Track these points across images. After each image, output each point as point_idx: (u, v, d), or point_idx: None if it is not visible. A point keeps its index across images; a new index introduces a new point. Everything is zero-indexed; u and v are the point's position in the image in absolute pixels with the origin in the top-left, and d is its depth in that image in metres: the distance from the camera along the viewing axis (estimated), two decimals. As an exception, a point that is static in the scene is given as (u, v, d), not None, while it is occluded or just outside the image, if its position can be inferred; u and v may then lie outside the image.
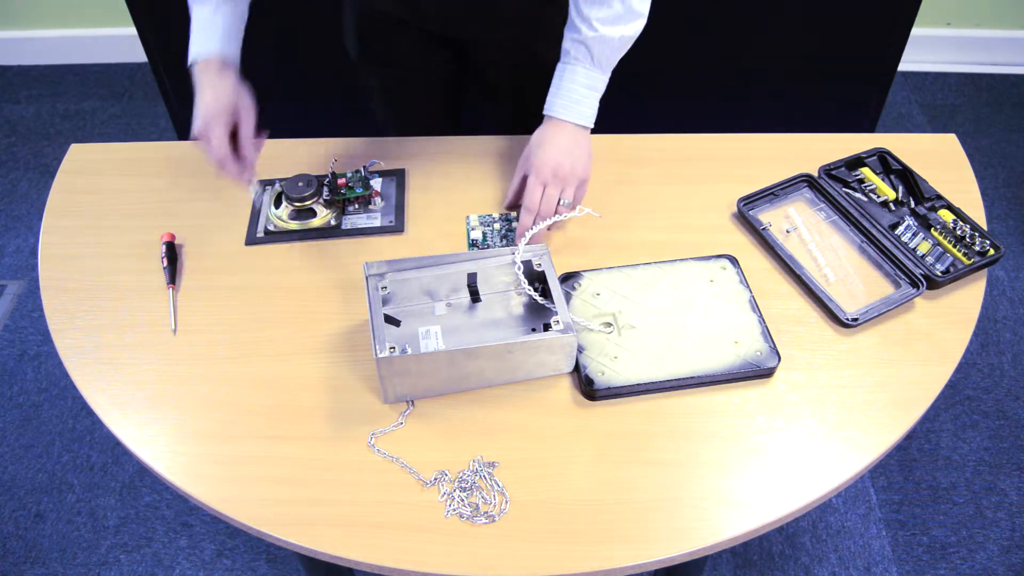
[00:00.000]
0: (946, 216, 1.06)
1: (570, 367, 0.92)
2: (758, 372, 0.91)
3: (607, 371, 0.90)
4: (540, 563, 0.77)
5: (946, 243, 1.03)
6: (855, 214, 1.07)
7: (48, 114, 2.51)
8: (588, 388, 0.89)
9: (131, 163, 1.18)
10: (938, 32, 2.52)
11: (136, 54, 2.59)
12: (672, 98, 1.91)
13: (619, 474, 0.83)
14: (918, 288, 0.98)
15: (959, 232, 1.04)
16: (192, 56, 1.01)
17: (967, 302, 0.99)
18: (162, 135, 2.41)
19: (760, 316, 0.95)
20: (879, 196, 1.09)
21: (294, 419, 0.89)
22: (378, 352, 0.85)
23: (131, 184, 1.15)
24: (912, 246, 1.03)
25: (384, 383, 0.87)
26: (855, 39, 1.80)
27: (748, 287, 0.98)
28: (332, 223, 1.09)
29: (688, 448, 0.86)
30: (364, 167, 1.11)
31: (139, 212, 1.11)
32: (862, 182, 1.11)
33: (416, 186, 1.14)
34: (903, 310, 0.98)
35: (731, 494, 0.82)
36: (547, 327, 0.93)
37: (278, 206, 1.09)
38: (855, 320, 0.96)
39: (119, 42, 2.62)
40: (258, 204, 1.06)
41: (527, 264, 0.96)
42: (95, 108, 2.52)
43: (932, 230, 1.05)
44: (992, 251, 1.02)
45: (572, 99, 1.02)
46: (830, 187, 1.10)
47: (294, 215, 1.08)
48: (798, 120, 1.96)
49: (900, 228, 1.05)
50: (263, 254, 1.06)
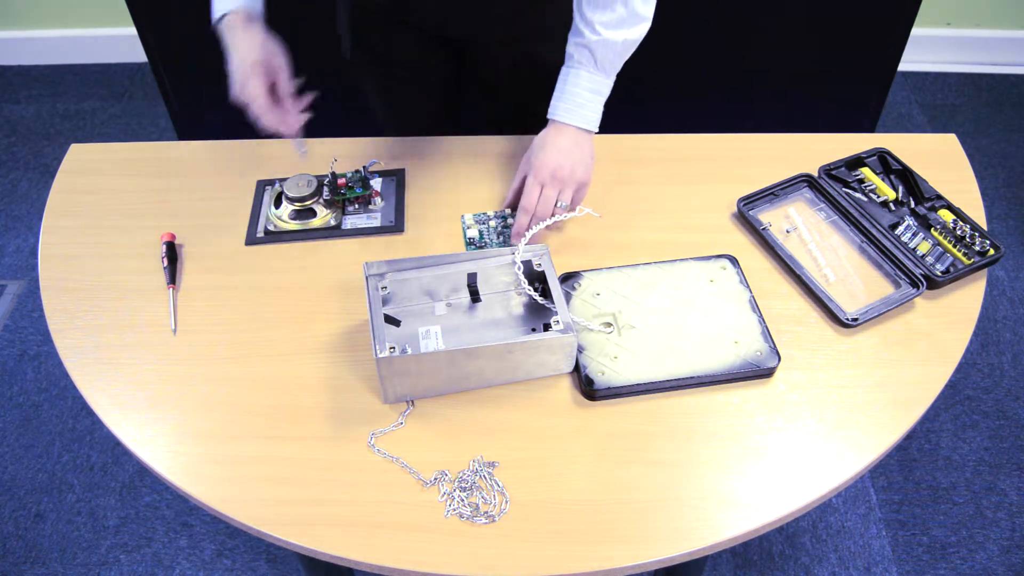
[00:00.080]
0: (946, 216, 1.06)
1: (570, 367, 0.92)
2: (758, 372, 0.91)
3: (607, 371, 0.90)
4: (540, 563, 0.77)
5: (946, 243, 1.03)
6: (855, 214, 1.07)
7: (48, 114, 2.51)
8: (588, 388, 0.89)
9: (131, 163, 1.18)
10: (938, 32, 2.52)
11: (136, 54, 2.60)
12: (672, 98, 1.91)
13: (619, 474, 0.83)
14: (918, 288, 0.98)
15: (959, 232, 1.04)
16: (216, 14, 0.99)
17: (967, 302, 0.99)
18: (162, 135, 2.41)
19: (760, 316, 0.95)
20: (879, 196, 1.09)
21: (294, 419, 0.89)
22: (378, 352, 0.85)
23: (131, 184, 1.15)
24: (912, 246, 1.03)
25: (384, 383, 0.87)
26: (855, 39, 1.80)
27: (748, 287, 0.98)
28: (332, 223, 1.09)
29: (688, 448, 0.86)
30: (364, 167, 1.11)
31: (139, 212, 1.11)
32: (862, 182, 1.11)
33: (416, 186, 1.14)
34: (903, 310, 0.98)
35: (731, 494, 0.82)
36: (547, 327, 0.93)
37: (278, 206, 1.09)
38: (855, 320, 0.96)
39: (119, 42, 2.62)
40: (304, 161, 1.03)
41: (527, 264, 0.96)
42: (95, 108, 2.52)
43: (932, 230, 1.05)
44: (992, 251, 1.02)
45: (575, 103, 1.02)
46: (830, 187, 1.10)
47: (294, 215, 1.08)
48: (798, 120, 1.96)
49: (900, 228, 1.05)
50: (263, 254, 1.06)
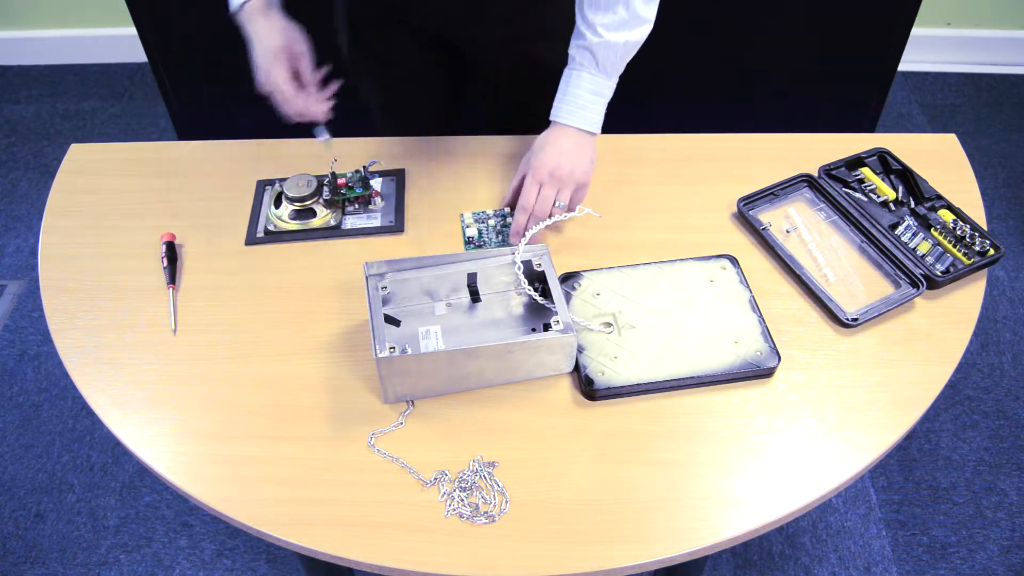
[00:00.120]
0: (946, 216, 1.06)
1: (570, 367, 0.92)
2: (758, 372, 0.91)
3: (607, 371, 0.90)
4: (540, 563, 0.77)
5: (946, 243, 1.03)
6: (855, 214, 1.07)
7: (48, 114, 2.51)
8: (588, 388, 0.89)
9: (131, 163, 1.18)
10: (938, 32, 2.52)
11: (136, 54, 2.60)
12: (673, 98, 1.91)
13: (619, 474, 0.83)
14: (918, 288, 0.98)
15: (959, 232, 1.04)
16: (234, 3, 1.00)
17: (967, 302, 0.99)
18: (162, 135, 2.41)
19: (760, 316, 0.95)
20: (879, 196, 1.09)
21: (294, 419, 0.89)
22: (378, 352, 0.85)
23: (131, 184, 1.15)
24: (912, 246, 1.03)
25: (384, 383, 0.87)
26: (855, 39, 1.80)
27: (748, 287, 0.98)
28: (332, 223, 1.09)
29: (688, 448, 0.86)
30: (364, 167, 1.11)
31: (139, 212, 1.11)
32: (862, 182, 1.11)
33: (416, 186, 1.14)
34: (903, 310, 0.98)
35: (731, 494, 0.82)
36: (547, 327, 0.93)
37: (278, 206, 1.09)
38: (855, 320, 0.96)
39: (119, 42, 2.62)
40: (327, 150, 1.04)
41: (527, 264, 0.96)
42: (95, 108, 2.52)
43: (932, 230, 1.05)
44: (992, 251, 1.02)
45: (577, 105, 1.03)
46: (830, 187, 1.10)
47: (294, 215, 1.08)
48: (798, 120, 1.96)
49: (900, 228, 1.05)
50: (263, 254, 1.06)
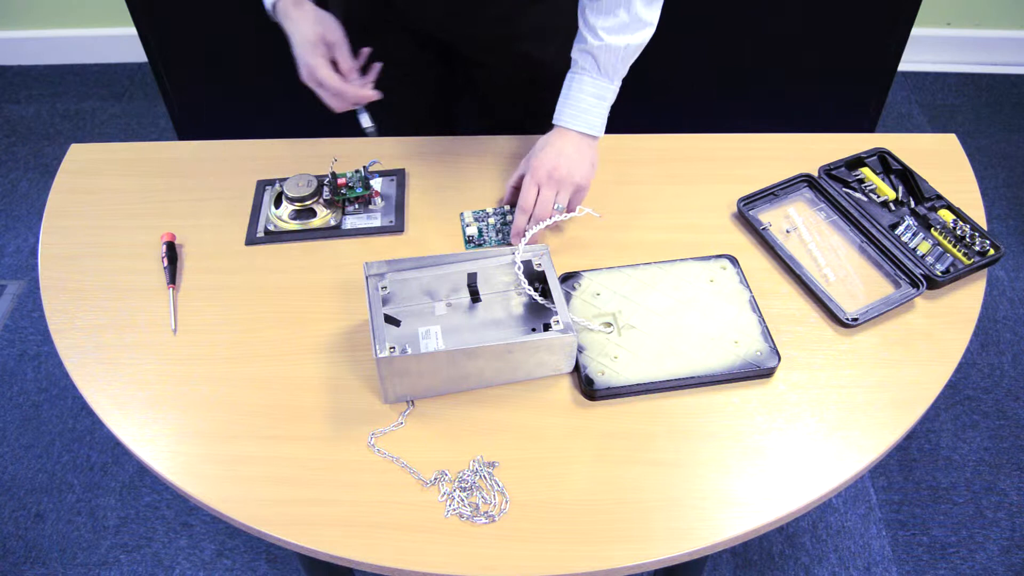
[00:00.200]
0: (946, 216, 1.06)
1: (570, 367, 0.92)
2: (758, 372, 0.91)
3: (607, 371, 0.90)
4: (540, 563, 0.77)
5: (946, 243, 1.03)
6: (855, 214, 1.07)
7: (48, 114, 2.51)
8: (588, 388, 0.89)
9: (131, 163, 1.18)
10: (938, 32, 2.52)
11: (136, 54, 2.60)
12: (672, 98, 1.91)
13: (619, 474, 0.83)
14: (918, 288, 0.98)
15: (959, 232, 1.04)
16: (268, 3, 1.03)
17: (967, 302, 0.99)
18: (162, 135, 2.41)
19: (760, 316, 0.95)
20: (879, 196, 1.09)
21: (294, 419, 0.89)
22: (378, 352, 0.85)
23: (131, 184, 1.15)
24: (912, 246, 1.03)
25: (384, 383, 0.87)
26: (855, 39, 1.80)
27: (748, 287, 0.98)
28: (332, 223, 1.09)
29: (688, 448, 0.86)
30: (364, 167, 1.11)
31: (139, 212, 1.11)
32: (862, 182, 1.11)
33: (416, 186, 1.14)
34: (903, 310, 0.98)
35: (731, 494, 0.82)
36: (547, 327, 0.93)
37: (278, 206, 1.09)
38: (855, 320, 0.96)
39: (119, 42, 2.61)
40: (371, 135, 1.06)
41: (527, 264, 0.96)
42: (95, 108, 2.52)
43: (932, 230, 1.05)
44: (992, 251, 1.02)
45: (579, 108, 1.03)
46: (830, 187, 1.10)
47: (294, 215, 1.08)
48: (798, 120, 1.96)
49: (900, 228, 1.05)
50: (263, 254, 1.06)
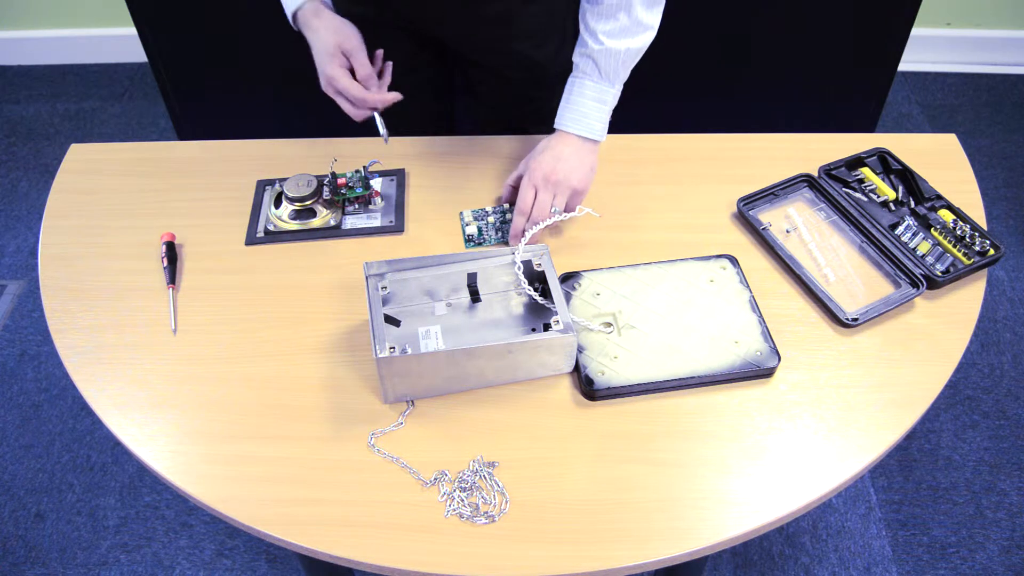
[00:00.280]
0: (946, 216, 1.06)
1: (570, 367, 0.92)
2: (758, 372, 0.91)
3: (607, 371, 0.90)
4: (540, 563, 0.77)
5: (946, 243, 1.03)
6: (855, 214, 1.07)
7: (48, 114, 2.51)
8: (588, 388, 0.89)
9: (131, 163, 1.18)
10: (938, 32, 2.52)
11: (136, 54, 2.60)
12: (672, 98, 1.91)
13: (619, 474, 0.83)
14: (918, 288, 0.98)
15: (959, 232, 1.04)
16: (288, 15, 1.05)
17: (967, 302, 0.99)
18: (162, 135, 2.41)
19: (760, 316, 0.95)
20: (879, 196, 1.09)
21: (294, 419, 0.89)
22: (378, 352, 0.85)
23: (131, 184, 1.15)
24: (912, 246, 1.03)
25: (384, 383, 0.87)
26: (855, 39, 1.80)
27: (748, 287, 0.98)
28: (332, 223, 1.09)
29: (688, 448, 0.86)
30: (364, 167, 1.11)
31: (139, 212, 1.11)
32: (862, 182, 1.11)
33: (416, 186, 1.14)
34: (903, 310, 0.98)
35: (731, 494, 0.82)
36: (547, 327, 0.93)
37: (278, 206, 1.09)
38: (855, 320, 0.96)
39: (119, 42, 2.61)
40: (387, 141, 1.07)
41: (527, 264, 0.96)
42: (95, 108, 2.52)
43: (932, 230, 1.05)
44: (992, 251, 1.02)
45: (580, 112, 1.03)
46: (830, 187, 1.10)
47: (294, 215, 1.08)
48: (798, 120, 1.96)
49: (900, 228, 1.05)
50: (263, 254, 1.06)
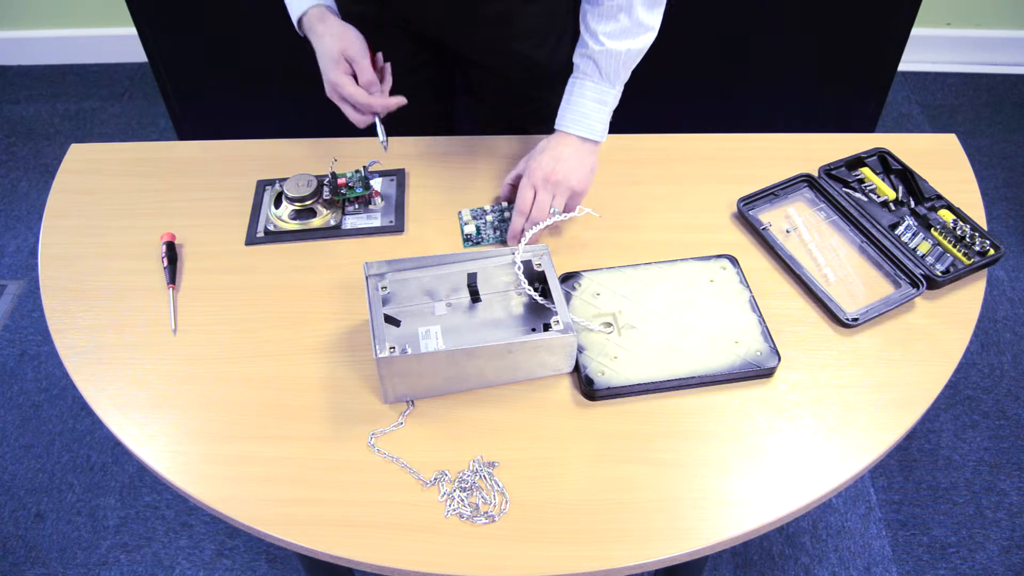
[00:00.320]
0: (946, 216, 1.06)
1: (570, 367, 0.92)
2: (758, 372, 0.91)
3: (607, 371, 0.90)
4: (540, 563, 0.77)
5: (946, 243, 1.03)
6: (855, 214, 1.07)
7: (48, 114, 2.51)
8: (588, 388, 0.89)
9: (131, 163, 1.18)
10: (938, 32, 2.52)
11: (136, 54, 2.59)
12: (672, 98, 1.91)
13: (619, 474, 0.83)
14: (918, 288, 0.98)
15: (959, 232, 1.04)
16: (295, 19, 1.05)
17: (967, 302, 0.99)
18: (162, 135, 2.41)
19: (760, 316, 0.95)
20: (879, 196, 1.09)
21: (294, 419, 0.89)
22: (378, 352, 0.85)
23: (131, 184, 1.15)
24: (912, 246, 1.03)
25: (384, 383, 0.87)
26: (855, 39, 1.80)
27: (748, 287, 0.98)
28: (332, 223, 1.09)
29: (688, 448, 0.86)
30: (364, 167, 1.11)
31: (139, 212, 1.11)
32: (862, 182, 1.11)
33: (416, 186, 1.14)
34: (903, 310, 0.98)
35: (731, 494, 0.82)
36: (547, 327, 0.93)
37: (278, 206, 1.09)
38: (855, 320, 0.96)
39: (119, 42, 2.61)
40: (386, 147, 1.07)
41: (527, 264, 0.96)
42: (95, 108, 2.52)
43: (932, 230, 1.05)
44: (992, 251, 1.02)
45: (580, 113, 1.03)
46: (830, 187, 1.10)
47: (294, 215, 1.08)
48: (798, 120, 1.96)
49: (900, 228, 1.05)
50: (263, 254, 1.06)
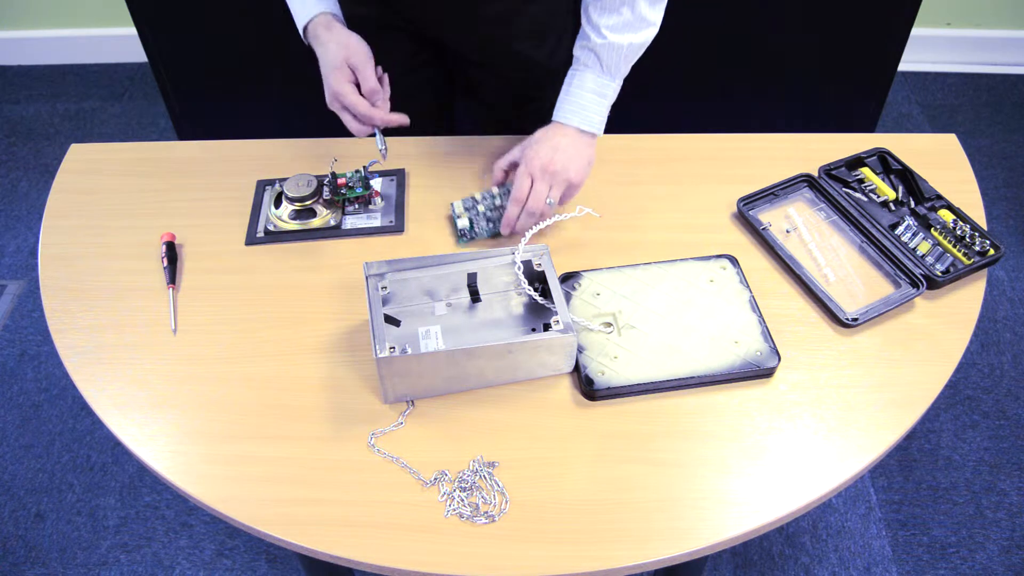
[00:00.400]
0: (946, 216, 1.06)
1: (570, 367, 0.92)
2: (758, 372, 0.91)
3: (607, 371, 0.90)
4: (540, 563, 0.77)
5: (946, 243, 1.03)
6: (855, 214, 1.07)
7: (48, 114, 2.51)
8: (588, 388, 0.89)
9: (131, 163, 1.18)
10: (938, 32, 2.52)
11: (136, 54, 2.60)
12: (672, 98, 1.91)
13: (619, 474, 0.83)
14: (918, 288, 0.98)
15: (959, 232, 1.04)
16: (300, 27, 1.05)
17: (967, 302, 0.99)
18: (162, 135, 2.41)
19: (760, 316, 0.95)
20: (879, 196, 1.09)
21: (294, 419, 0.89)
22: (378, 352, 0.85)
23: (131, 184, 1.15)
24: (912, 246, 1.03)
25: (384, 383, 0.87)
26: (855, 39, 1.80)
27: (748, 287, 0.98)
28: (332, 223, 1.09)
29: (688, 448, 0.86)
30: (364, 167, 1.11)
31: (139, 212, 1.11)
32: (862, 182, 1.11)
33: (416, 186, 1.14)
34: (903, 310, 0.98)
35: (731, 494, 0.82)
36: (547, 327, 0.93)
37: (278, 206, 1.09)
38: (855, 320, 0.96)
39: (119, 42, 2.61)
40: (385, 157, 1.06)
41: (527, 264, 0.96)
42: (95, 108, 2.52)
43: (932, 230, 1.05)
44: (992, 251, 1.02)
45: (579, 104, 1.03)
46: (830, 187, 1.10)
47: (294, 215, 1.08)
48: (798, 120, 1.96)
49: (900, 228, 1.05)
50: (263, 254, 1.06)
